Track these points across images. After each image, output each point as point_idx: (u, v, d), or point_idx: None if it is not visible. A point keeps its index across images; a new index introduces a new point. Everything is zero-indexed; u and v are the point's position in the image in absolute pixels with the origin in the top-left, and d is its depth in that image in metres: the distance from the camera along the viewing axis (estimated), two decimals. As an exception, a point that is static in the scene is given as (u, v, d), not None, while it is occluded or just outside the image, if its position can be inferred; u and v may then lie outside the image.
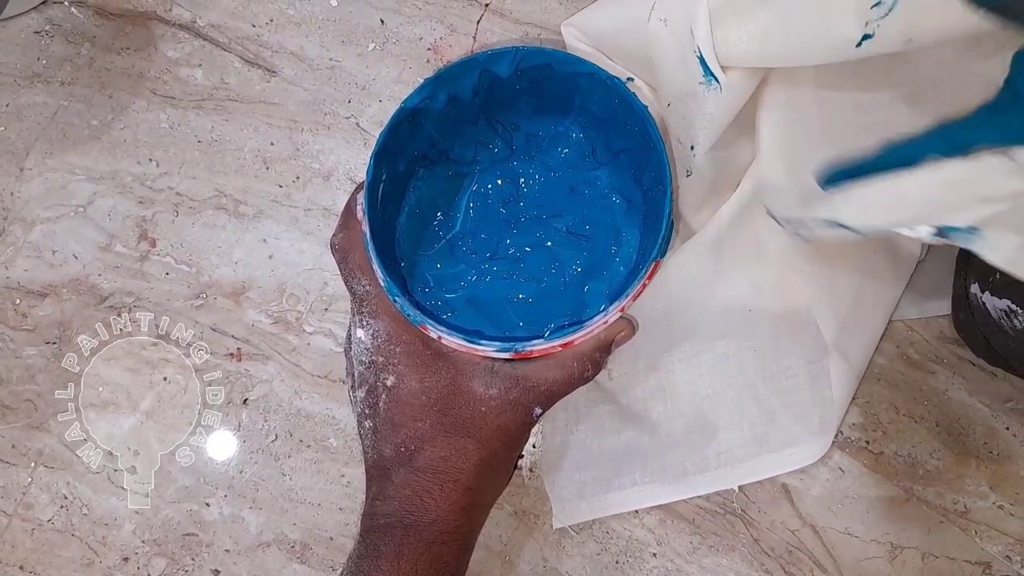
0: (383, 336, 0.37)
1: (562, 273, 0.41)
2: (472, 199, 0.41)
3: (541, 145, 0.41)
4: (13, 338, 0.47)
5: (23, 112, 0.49)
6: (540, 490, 0.47)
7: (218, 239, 0.48)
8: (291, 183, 0.48)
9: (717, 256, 0.44)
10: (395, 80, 0.49)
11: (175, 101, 0.49)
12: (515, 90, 0.38)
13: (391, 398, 0.36)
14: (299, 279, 0.48)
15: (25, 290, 0.48)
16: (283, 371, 0.47)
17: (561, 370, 0.37)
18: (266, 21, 0.49)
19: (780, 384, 0.45)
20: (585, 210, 0.41)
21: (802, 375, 0.45)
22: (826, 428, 0.45)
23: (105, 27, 0.49)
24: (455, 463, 0.36)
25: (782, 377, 0.46)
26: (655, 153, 0.35)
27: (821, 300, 0.44)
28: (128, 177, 0.48)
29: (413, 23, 0.49)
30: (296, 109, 0.49)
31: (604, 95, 0.36)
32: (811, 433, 0.45)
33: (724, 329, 0.46)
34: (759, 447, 0.45)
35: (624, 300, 0.34)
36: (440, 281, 0.41)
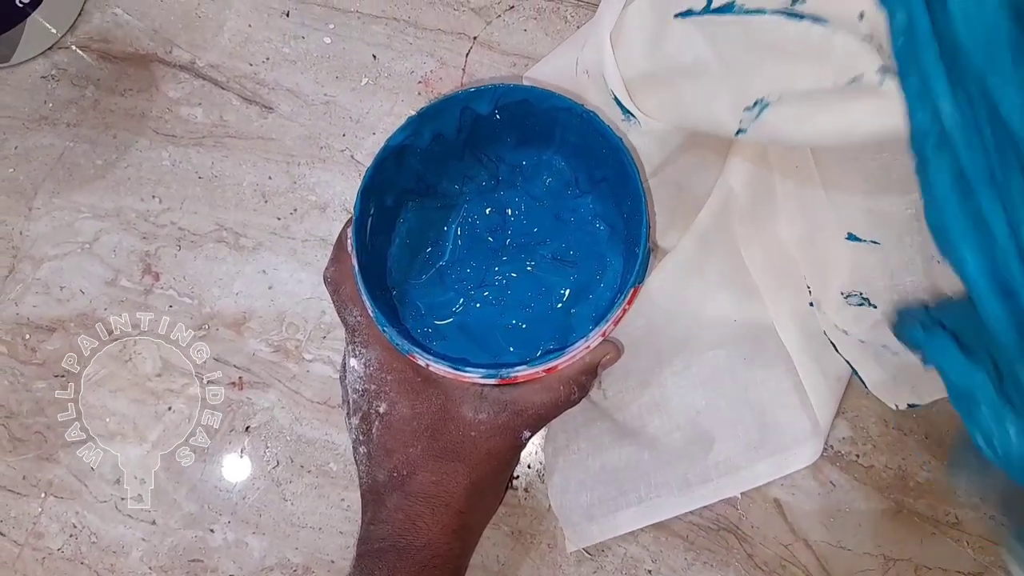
0: (375, 365, 0.38)
1: (549, 298, 0.42)
2: (460, 229, 0.43)
3: (525, 175, 0.43)
4: (23, 372, 0.49)
5: (31, 154, 0.50)
6: (536, 510, 0.48)
7: (219, 271, 0.50)
8: (289, 215, 0.50)
9: (696, 270, 0.45)
10: (388, 113, 0.50)
11: (176, 139, 0.50)
12: (497, 125, 0.39)
13: (383, 424, 0.37)
14: (298, 308, 0.49)
15: (34, 325, 0.49)
16: (284, 398, 0.48)
17: (548, 394, 0.38)
18: (263, 60, 0.51)
19: (772, 389, 0.46)
20: (570, 237, 0.42)
21: (792, 379, 0.46)
22: (818, 430, 0.46)
23: (108, 70, 0.51)
24: (446, 487, 0.37)
25: (773, 382, 0.47)
26: (631, 182, 0.36)
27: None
28: (132, 214, 0.50)
29: (404, 57, 0.51)
30: (293, 144, 0.50)
31: (581, 128, 0.37)
32: (805, 435, 0.46)
33: (712, 341, 0.47)
34: (756, 453, 0.46)
35: (605, 325, 0.35)
36: (431, 308, 0.42)
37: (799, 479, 0.47)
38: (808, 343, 0.46)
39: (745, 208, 0.45)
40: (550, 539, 0.47)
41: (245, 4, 0.51)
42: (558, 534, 0.47)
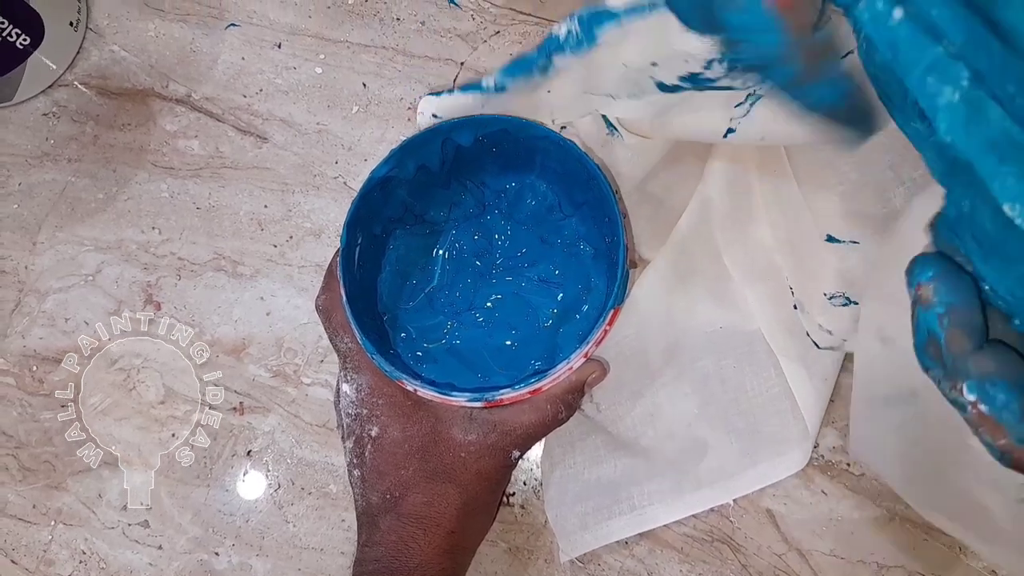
0: (366, 389, 0.39)
1: (536, 319, 0.43)
2: (448, 254, 0.44)
3: (510, 200, 0.44)
4: (31, 403, 0.50)
5: (34, 190, 0.52)
6: (533, 526, 0.48)
7: (219, 299, 0.51)
8: (285, 242, 0.51)
9: (679, 280, 0.46)
10: (379, 140, 0.52)
11: (174, 171, 0.52)
12: (480, 153, 0.40)
13: (376, 448, 0.38)
14: (296, 333, 0.50)
15: (41, 357, 0.51)
16: (284, 422, 0.50)
17: (536, 414, 0.39)
18: (256, 91, 0.52)
19: (762, 395, 0.47)
20: (555, 259, 0.43)
21: (781, 384, 0.47)
22: (807, 434, 0.46)
23: (107, 106, 0.52)
24: (437, 508, 0.38)
25: (763, 388, 0.47)
26: (607, 205, 0.37)
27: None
28: (133, 245, 0.51)
29: (393, 85, 0.52)
30: (287, 172, 0.52)
31: (560, 154, 0.38)
32: (796, 440, 0.46)
33: (701, 349, 0.48)
34: (749, 459, 0.47)
35: (587, 347, 0.36)
36: (421, 332, 0.43)
37: (791, 488, 0.47)
38: (794, 346, 0.47)
39: (725, 214, 0.46)
40: (547, 555, 0.48)
41: (238, 38, 0.53)
42: (555, 550, 0.48)
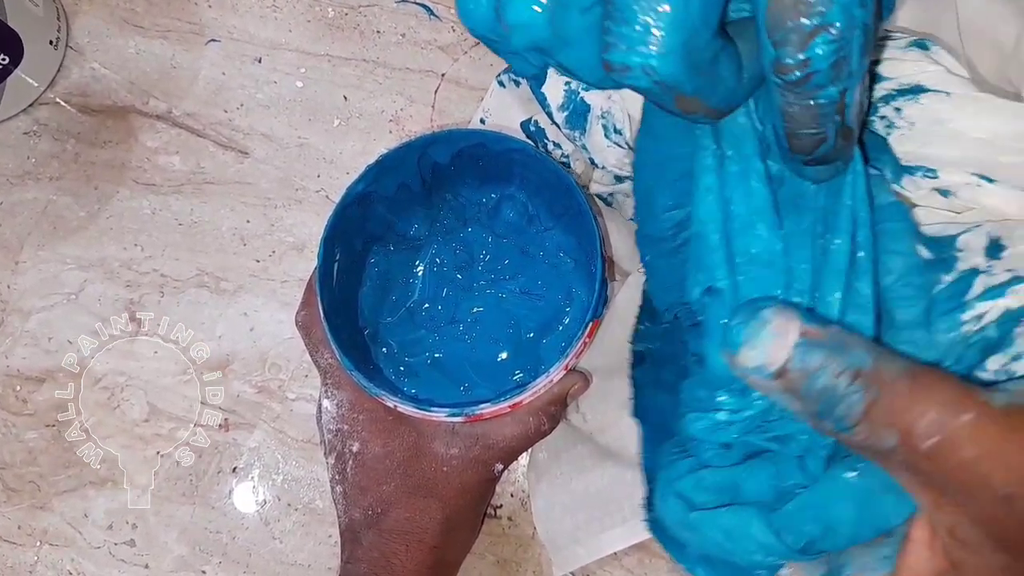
0: (347, 405, 0.39)
1: (518, 331, 0.43)
2: (429, 268, 0.44)
3: (490, 213, 0.44)
4: (15, 423, 0.50)
5: (16, 209, 0.52)
6: (520, 538, 0.48)
7: (202, 315, 0.51)
8: (267, 257, 0.51)
9: None
10: (360, 152, 0.51)
11: (156, 188, 0.52)
12: (458, 167, 0.40)
13: (357, 463, 0.38)
14: (279, 348, 0.50)
15: (24, 376, 0.50)
16: (269, 438, 0.49)
17: (518, 426, 0.39)
18: (237, 106, 0.52)
19: None
20: (537, 270, 0.43)
21: None
22: None
23: (88, 123, 0.52)
24: (420, 523, 0.37)
25: None
26: (585, 219, 0.37)
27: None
28: (115, 263, 0.51)
29: (374, 97, 0.52)
30: (269, 187, 0.51)
31: (537, 167, 0.38)
32: None
33: None
34: None
35: (567, 359, 0.36)
36: (403, 346, 0.43)
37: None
38: None
39: None
40: (535, 567, 0.48)
41: (218, 53, 0.53)
42: (543, 562, 0.47)
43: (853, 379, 0.21)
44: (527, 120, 0.46)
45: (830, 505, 0.27)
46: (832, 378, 0.21)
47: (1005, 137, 0.28)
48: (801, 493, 0.28)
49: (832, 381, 0.21)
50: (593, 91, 0.39)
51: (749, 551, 0.28)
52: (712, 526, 0.29)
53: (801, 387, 0.22)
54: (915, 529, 0.25)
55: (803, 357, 0.22)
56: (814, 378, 0.22)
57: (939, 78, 0.30)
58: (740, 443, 0.30)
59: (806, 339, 0.22)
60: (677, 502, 0.31)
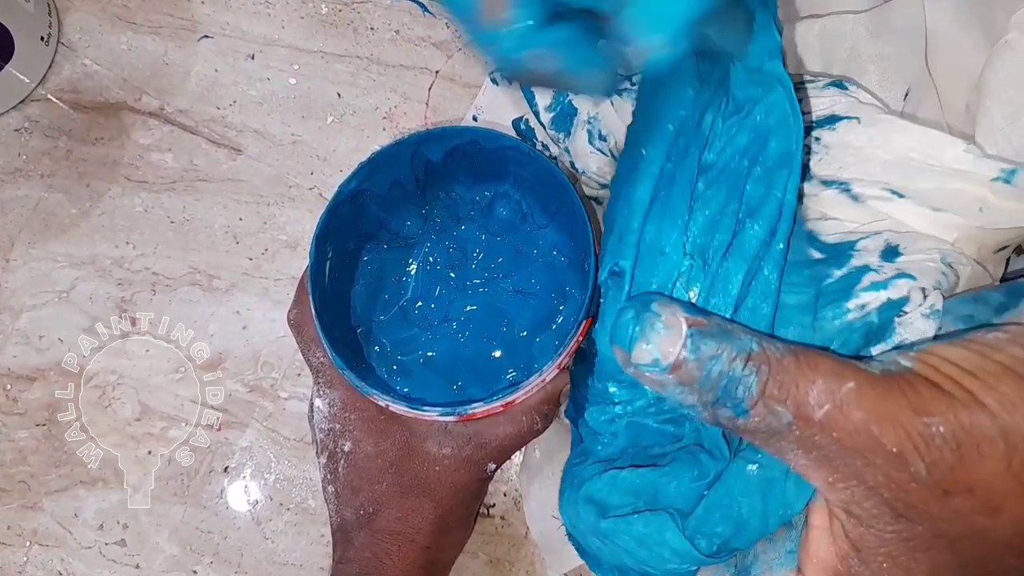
0: (339, 404, 0.38)
1: (512, 330, 0.42)
2: (422, 267, 0.43)
3: (484, 211, 0.43)
4: (6, 422, 0.50)
5: (7, 206, 0.51)
6: (514, 538, 0.48)
7: (194, 314, 0.50)
8: (260, 255, 0.51)
9: None
10: (354, 150, 0.51)
11: (148, 185, 0.51)
12: (452, 165, 0.40)
13: (349, 463, 0.38)
14: (272, 347, 0.50)
15: (15, 375, 0.50)
16: (261, 437, 0.49)
17: (511, 425, 0.38)
18: (230, 103, 0.52)
19: None
20: (530, 268, 0.43)
21: None
22: None
23: (80, 120, 0.52)
24: (412, 523, 0.37)
25: None
26: (578, 218, 0.36)
27: None
28: (107, 261, 0.51)
29: (368, 94, 0.51)
30: (262, 184, 0.51)
31: (531, 164, 0.38)
32: None
33: None
34: None
35: (560, 358, 0.36)
36: (396, 345, 0.42)
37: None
38: None
39: None
40: (528, 566, 0.47)
41: (211, 49, 0.52)
42: (536, 561, 0.47)
43: (746, 362, 0.22)
44: (519, 118, 0.45)
45: (737, 501, 0.28)
46: (728, 363, 0.22)
47: (914, 159, 0.30)
48: (707, 495, 0.29)
49: (728, 366, 0.22)
50: (582, 96, 0.40)
51: (664, 559, 0.29)
52: (625, 535, 0.29)
53: (698, 376, 0.22)
54: (813, 515, 0.25)
55: (697, 347, 0.23)
56: (710, 366, 0.22)
57: (850, 107, 0.32)
58: (629, 425, 0.31)
59: (695, 329, 0.23)
60: (588, 508, 0.31)
